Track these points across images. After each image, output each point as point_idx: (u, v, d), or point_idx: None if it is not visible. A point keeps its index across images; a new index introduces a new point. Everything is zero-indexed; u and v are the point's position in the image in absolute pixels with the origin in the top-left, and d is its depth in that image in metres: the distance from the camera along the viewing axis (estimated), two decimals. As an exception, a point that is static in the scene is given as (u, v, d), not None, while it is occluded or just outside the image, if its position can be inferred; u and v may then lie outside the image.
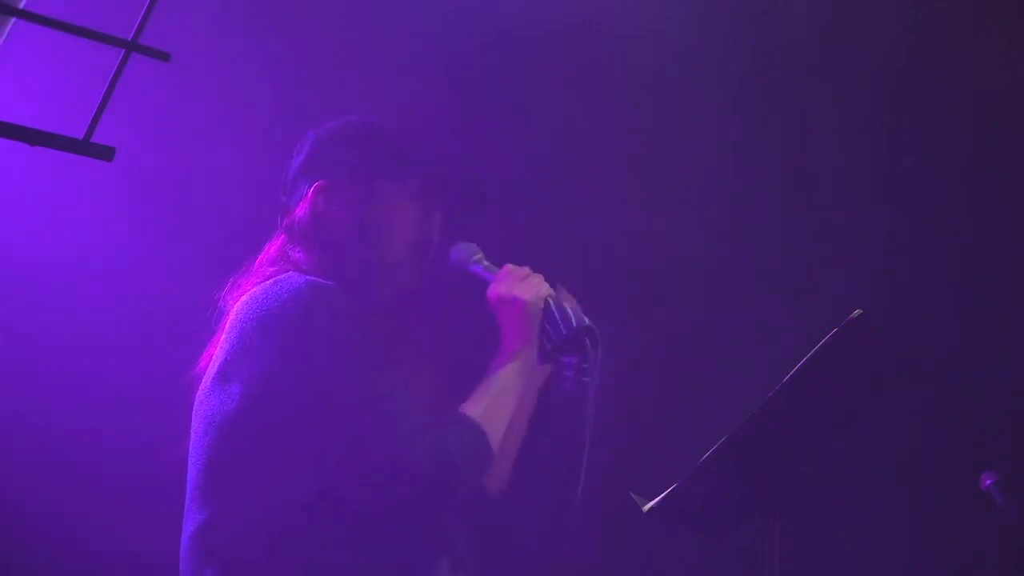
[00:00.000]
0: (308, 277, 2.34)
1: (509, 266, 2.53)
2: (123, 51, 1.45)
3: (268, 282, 2.36)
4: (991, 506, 3.34)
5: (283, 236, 2.50)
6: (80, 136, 1.45)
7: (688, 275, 4.20)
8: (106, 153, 1.46)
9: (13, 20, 1.47)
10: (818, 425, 2.81)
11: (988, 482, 3.35)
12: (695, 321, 4.19)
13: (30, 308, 3.77)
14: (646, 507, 2.74)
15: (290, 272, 2.39)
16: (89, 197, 3.81)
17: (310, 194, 2.47)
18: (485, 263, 2.57)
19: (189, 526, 2.32)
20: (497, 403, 2.39)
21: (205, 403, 2.33)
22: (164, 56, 1.46)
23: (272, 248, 2.50)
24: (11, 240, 3.78)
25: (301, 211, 2.47)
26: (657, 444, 4.00)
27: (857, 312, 2.63)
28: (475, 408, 2.36)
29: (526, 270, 2.53)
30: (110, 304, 3.81)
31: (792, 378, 2.64)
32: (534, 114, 4.25)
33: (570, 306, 2.49)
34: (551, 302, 2.48)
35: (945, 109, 4.12)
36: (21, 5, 1.52)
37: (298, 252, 2.45)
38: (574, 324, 2.45)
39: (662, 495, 2.72)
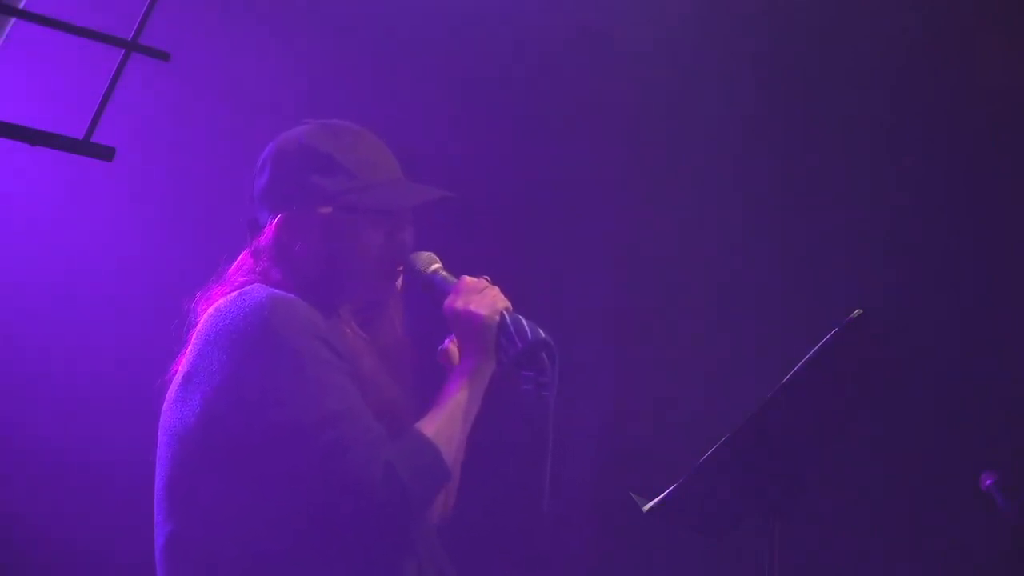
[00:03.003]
0: (272, 290, 2.33)
1: (466, 278, 2.48)
2: (123, 51, 1.45)
3: (234, 294, 2.35)
4: (991, 506, 3.34)
5: (253, 256, 2.48)
6: (80, 136, 1.45)
7: (688, 275, 4.20)
8: (106, 153, 1.46)
9: (13, 20, 1.47)
10: (818, 425, 2.81)
11: (988, 482, 3.35)
12: (695, 321, 4.19)
13: (29, 308, 3.77)
14: (646, 507, 2.74)
15: (256, 284, 2.38)
16: (89, 197, 3.81)
17: (273, 227, 2.43)
18: (443, 273, 2.52)
19: (159, 538, 2.33)
20: (452, 420, 2.36)
21: (168, 413, 2.34)
22: (164, 56, 1.45)
23: (244, 258, 2.48)
24: (11, 240, 3.78)
25: (266, 241, 2.44)
26: (657, 444, 4.00)
27: (857, 312, 2.63)
28: (429, 427, 2.33)
29: (483, 282, 2.48)
30: (109, 304, 3.81)
31: (792, 378, 2.64)
32: (536, 116, 4.25)
33: (526, 320, 2.45)
34: (507, 316, 2.44)
35: (945, 109, 4.12)
36: (21, 5, 1.52)
37: (269, 268, 2.43)
38: (530, 338, 2.41)
39: (662, 495, 2.72)
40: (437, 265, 2.55)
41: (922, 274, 4.07)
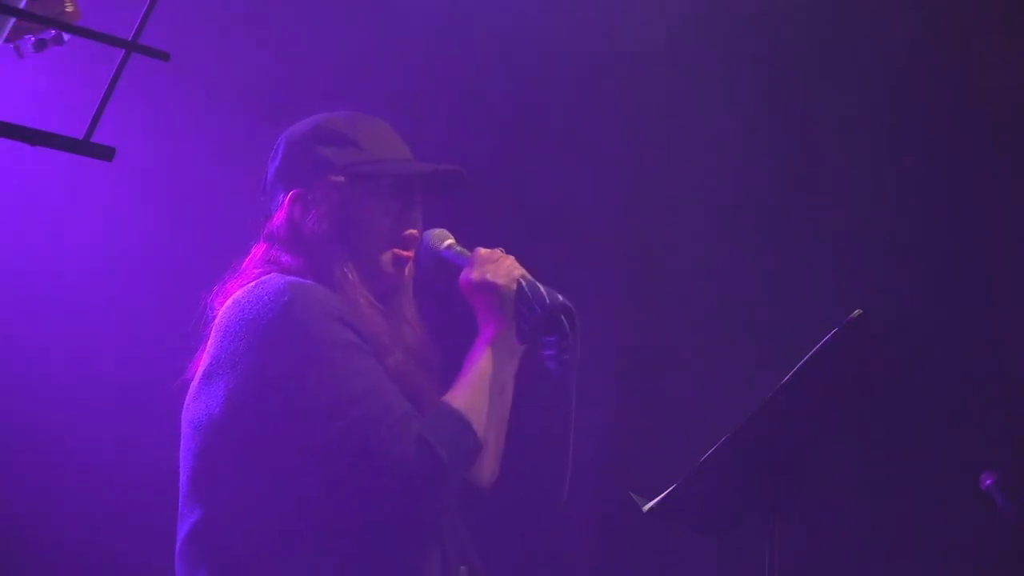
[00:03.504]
0: (289, 278, 2.33)
1: (480, 249, 2.49)
2: (123, 51, 1.45)
3: (251, 284, 2.36)
4: (991, 506, 3.34)
5: (266, 240, 2.49)
6: (80, 136, 1.45)
7: (688, 275, 4.20)
8: (106, 153, 1.46)
9: (13, 20, 1.47)
10: (818, 425, 2.82)
11: (988, 482, 3.35)
12: (695, 321, 4.19)
13: (29, 308, 3.77)
14: (646, 507, 2.74)
15: (272, 274, 2.38)
16: (89, 197, 3.81)
17: (286, 203, 2.45)
18: (457, 248, 2.53)
19: (182, 530, 2.33)
20: (480, 389, 2.36)
21: (192, 407, 2.34)
22: (164, 56, 1.45)
23: (258, 250, 2.48)
24: (11, 240, 3.78)
25: (279, 220, 2.46)
26: (657, 444, 4.00)
27: (857, 312, 2.63)
28: (457, 398, 2.33)
29: (497, 252, 2.49)
30: (109, 304, 3.81)
31: (792, 378, 2.64)
32: (536, 115, 4.25)
33: (544, 286, 2.45)
34: (523, 283, 2.44)
35: (945, 109, 4.12)
36: (21, 5, 1.52)
37: (282, 254, 2.44)
38: (548, 303, 2.41)
39: (662, 495, 2.72)
40: (451, 240, 2.55)
41: (922, 274, 4.07)
